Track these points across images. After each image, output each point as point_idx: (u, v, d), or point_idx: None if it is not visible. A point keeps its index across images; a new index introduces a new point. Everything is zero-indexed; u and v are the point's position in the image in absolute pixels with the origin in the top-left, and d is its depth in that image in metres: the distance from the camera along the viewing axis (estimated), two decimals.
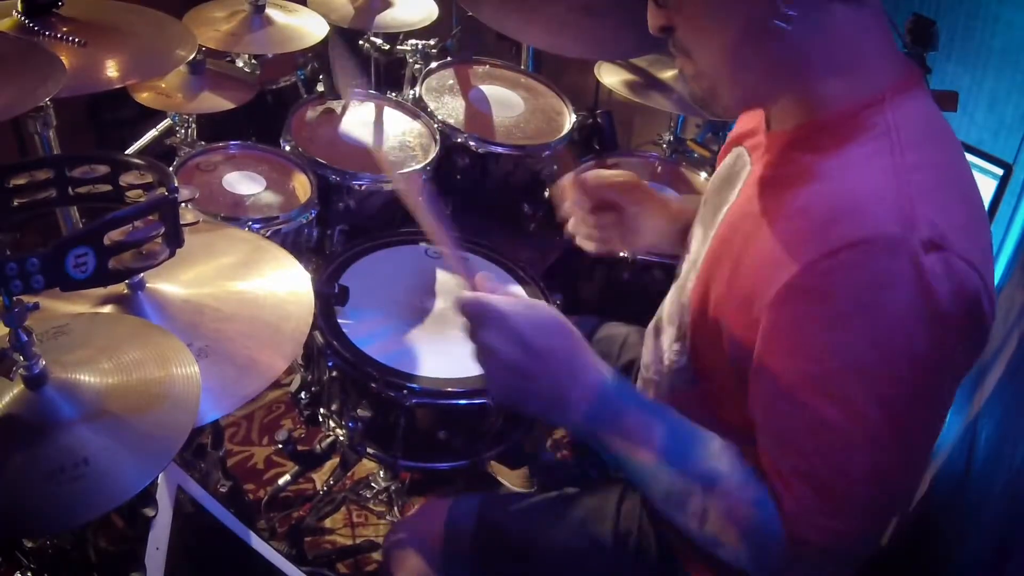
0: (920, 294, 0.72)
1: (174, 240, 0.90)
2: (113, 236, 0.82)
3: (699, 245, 1.02)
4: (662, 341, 1.07)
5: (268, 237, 1.44)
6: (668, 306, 1.09)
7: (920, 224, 0.73)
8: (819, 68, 0.82)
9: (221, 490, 1.38)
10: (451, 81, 2.02)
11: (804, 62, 0.82)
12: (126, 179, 0.98)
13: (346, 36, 2.09)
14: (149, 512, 0.95)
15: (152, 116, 1.96)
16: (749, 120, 1.03)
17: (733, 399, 0.89)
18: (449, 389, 1.27)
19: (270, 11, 1.88)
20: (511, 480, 1.77)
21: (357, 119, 1.87)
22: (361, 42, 2.15)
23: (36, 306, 0.78)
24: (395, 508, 1.73)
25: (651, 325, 1.16)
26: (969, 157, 1.85)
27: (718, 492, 0.84)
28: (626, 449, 0.85)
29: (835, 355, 0.76)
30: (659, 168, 1.98)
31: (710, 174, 1.95)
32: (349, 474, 1.72)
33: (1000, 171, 1.72)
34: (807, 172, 0.82)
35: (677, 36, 0.86)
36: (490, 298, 0.85)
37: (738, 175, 0.98)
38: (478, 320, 0.84)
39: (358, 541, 1.77)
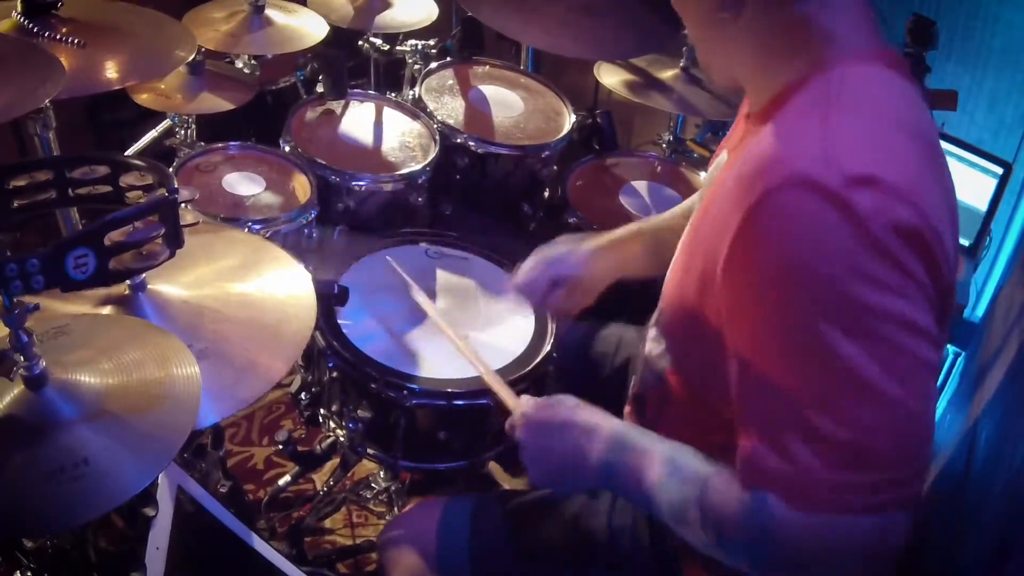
0: (851, 226, 0.71)
1: (174, 241, 0.90)
2: (113, 237, 0.82)
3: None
4: (650, 331, 1.09)
5: (268, 238, 1.44)
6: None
7: (845, 164, 0.72)
8: (782, 51, 0.84)
9: (221, 490, 1.38)
10: (451, 81, 2.02)
11: (767, 47, 0.85)
12: (126, 180, 0.98)
13: (346, 36, 2.09)
14: (149, 512, 0.95)
15: (152, 117, 1.96)
16: (736, 124, 1.05)
17: (712, 383, 0.90)
18: (449, 389, 1.28)
19: (270, 11, 1.88)
20: (510, 482, 1.77)
21: (357, 119, 1.87)
22: (361, 42, 2.15)
23: (36, 307, 0.78)
24: (395, 508, 1.73)
25: (651, 319, 1.17)
26: (969, 156, 1.87)
27: (711, 489, 0.84)
28: (636, 474, 0.90)
29: (788, 305, 0.74)
30: (659, 168, 1.99)
31: None
32: (349, 474, 1.73)
33: (1000, 170, 1.72)
34: (752, 141, 0.84)
35: None
36: (519, 410, 1.02)
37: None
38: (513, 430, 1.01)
39: (358, 541, 1.77)
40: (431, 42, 2.08)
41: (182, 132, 1.84)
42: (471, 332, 1.39)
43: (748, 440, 0.81)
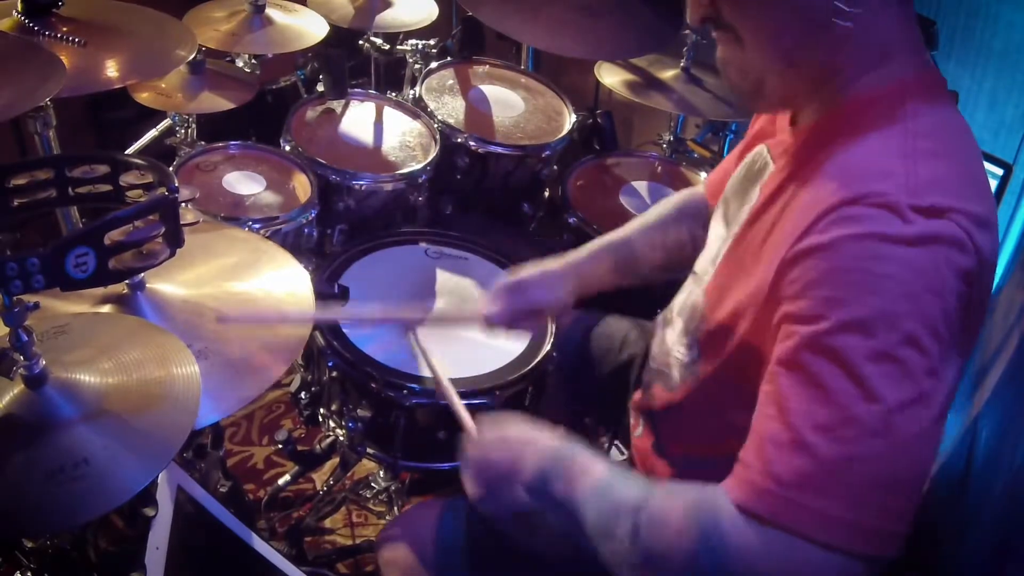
0: (917, 254, 0.72)
1: (174, 240, 0.90)
2: (113, 236, 0.82)
3: (719, 243, 1.02)
4: (668, 333, 1.07)
5: (268, 237, 1.44)
6: (681, 299, 1.09)
7: (924, 194, 0.73)
8: (858, 64, 0.83)
9: (221, 490, 1.38)
10: (451, 81, 2.02)
11: (848, 60, 0.83)
12: (126, 179, 0.98)
13: (346, 36, 2.09)
14: (149, 512, 0.95)
15: (152, 116, 1.96)
16: (771, 120, 1.03)
17: (739, 395, 0.89)
18: None
19: (270, 11, 1.88)
20: None
21: (357, 118, 1.87)
22: (361, 42, 2.15)
23: (36, 306, 0.78)
24: (395, 508, 1.73)
25: (661, 316, 1.16)
26: None
27: (650, 504, 0.80)
28: (570, 482, 0.86)
29: (835, 310, 0.74)
30: (659, 168, 1.99)
31: (709, 174, 1.96)
32: (349, 474, 1.73)
33: (1000, 171, 1.72)
34: (823, 160, 0.82)
35: (726, 25, 0.84)
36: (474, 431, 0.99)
37: (759, 174, 0.98)
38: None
39: (358, 541, 1.77)
40: (431, 42, 2.08)
41: (182, 131, 1.84)
42: (471, 332, 1.39)
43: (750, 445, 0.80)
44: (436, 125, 1.83)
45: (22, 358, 0.79)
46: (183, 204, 0.91)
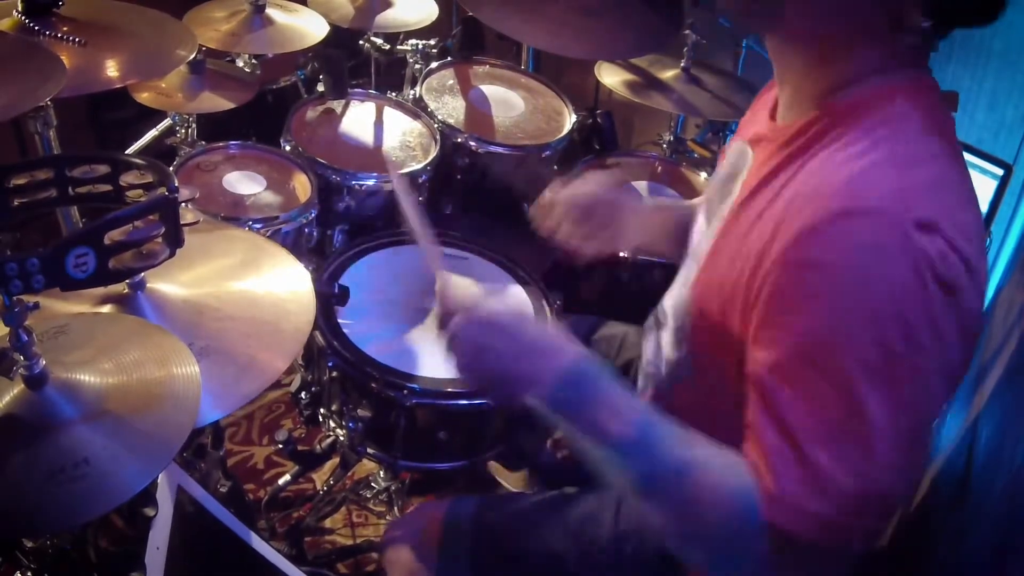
0: (911, 269, 0.72)
1: (174, 240, 0.90)
2: (113, 236, 0.82)
3: (701, 238, 1.02)
4: (661, 335, 1.07)
5: (268, 237, 1.44)
6: (670, 299, 1.09)
7: (914, 206, 0.74)
8: (866, 68, 0.84)
9: (221, 490, 1.38)
10: (451, 81, 2.02)
11: (860, 56, 0.84)
12: (126, 179, 0.98)
13: (346, 36, 2.09)
14: (149, 512, 0.95)
15: (152, 116, 1.96)
16: (753, 117, 1.04)
17: (730, 392, 0.89)
18: (449, 389, 1.27)
19: (270, 11, 1.88)
20: (510, 481, 1.77)
21: (358, 118, 1.87)
22: (362, 42, 2.15)
23: (36, 306, 0.78)
24: (395, 508, 1.73)
25: (651, 319, 1.16)
26: (969, 157, 1.86)
27: (695, 478, 0.80)
28: (602, 424, 0.82)
29: (827, 325, 0.75)
30: (659, 168, 1.99)
31: (710, 174, 1.96)
32: (349, 474, 1.73)
33: (1000, 171, 1.72)
34: (810, 158, 0.83)
35: None
36: (462, 292, 0.92)
37: (741, 170, 0.98)
38: (448, 309, 0.91)
39: (358, 541, 1.77)
40: (431, 42, 2.08)
41: (183, 131, 1.84)
42: None
43: (754, 449, 0.80)
44: (436, 125, 1.83)
45: (22, 358, 0.79)
46: (183, 204, 0.91)
